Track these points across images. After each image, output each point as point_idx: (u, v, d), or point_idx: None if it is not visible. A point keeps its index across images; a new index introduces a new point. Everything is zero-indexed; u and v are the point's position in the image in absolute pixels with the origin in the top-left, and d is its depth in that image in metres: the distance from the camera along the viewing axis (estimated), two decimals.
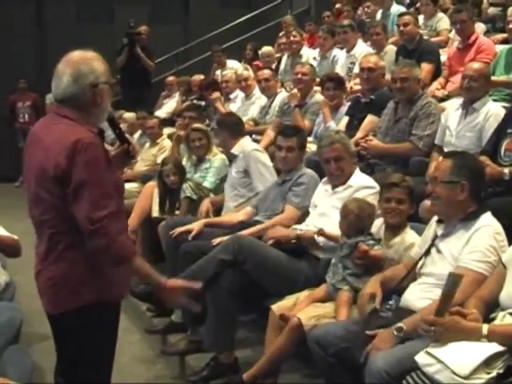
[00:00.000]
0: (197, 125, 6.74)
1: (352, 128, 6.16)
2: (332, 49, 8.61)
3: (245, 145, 5.92)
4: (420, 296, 3.46)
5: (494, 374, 2.76)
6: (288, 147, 5.06)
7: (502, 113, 4.97)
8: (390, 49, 7.61)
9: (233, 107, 8.90)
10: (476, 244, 3.33)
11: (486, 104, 5.09)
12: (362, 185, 4.54)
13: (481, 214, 3.45)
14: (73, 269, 2.92)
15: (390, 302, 3.51)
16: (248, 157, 5.77)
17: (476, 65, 5.31)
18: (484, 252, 3.31)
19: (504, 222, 3.46)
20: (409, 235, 4.07)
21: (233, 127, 6.00)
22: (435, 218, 3.67)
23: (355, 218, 4.08)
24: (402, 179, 4.18)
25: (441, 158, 3.80)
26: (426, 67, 6.80)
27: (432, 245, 3.57)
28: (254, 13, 13.91)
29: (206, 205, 5.89)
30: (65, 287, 2.93)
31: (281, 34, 10.96)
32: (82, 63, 2.97)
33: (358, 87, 7.00)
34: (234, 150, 5.92)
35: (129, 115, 9.73)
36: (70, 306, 2.93)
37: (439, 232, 3.57)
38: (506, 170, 4.36)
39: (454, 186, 3.46)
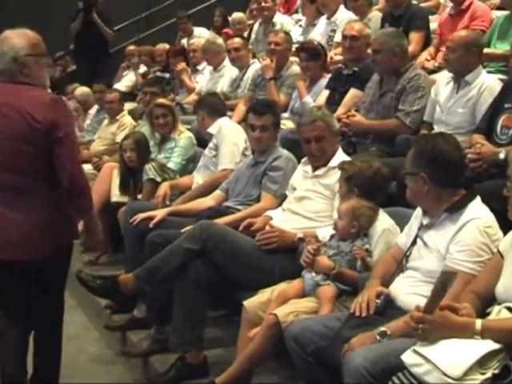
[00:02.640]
0: (161, 100, 6.70)
1: (333, 103, 6.14)
2: (320, 16, 8.53)
3: (222, 123, 5.93)
4: (407, 291, 3.44)
5: (489, 374, 2.75)
6: (262, 126, 5.04)
7: (497, 86, 4.96)
8: (375, 15, 7.56)
9: (200, 80, 8.86)
10: (466, 242, 3.29)
11: (479, 76, 5.07)
12: None
13: (469, 201, 3.41)
14: (60, 212, 3.88)
15: (378, 301, 3.48)
16: (220, 132, 5.79)
17: (462, 32, 5.29)
18: (475, 251, 3.27)
19: (496, 206, 3.43)
20: (380, 221, 4.06)
21: (212, 107, 6.09)
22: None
23: (352, 217, 4.01)
24: (342, 163, 4.31)
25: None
26: (415, 36, 6.74)
27: (417, 235, 3.55)
28: None
29: (163, 189, 5.78)
30: (55, 230, 3.86)
31: None
32: (1, 43, 3.77)
33: (339, 57, 6.97)
34: (211, 129, 5.95)
35: (82, 90, 9.63)
36: (60, 243, 3.92)
37: (424, 222, 3.54)
38: (502, 149, 4.34)
39: (415, 178, 3.45)
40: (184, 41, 10.79)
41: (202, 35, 10.32)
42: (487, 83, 5.01)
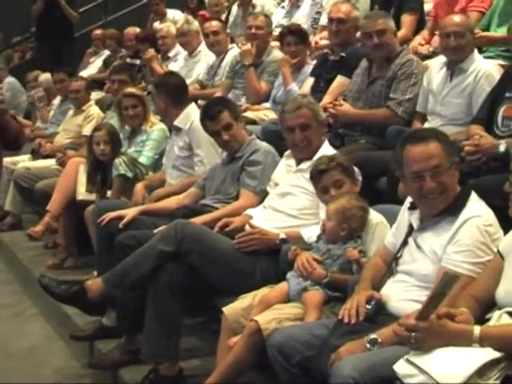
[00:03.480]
0: (130, 89, 6.66)
1: (318, 91, 6.15)
2: None
3: (192, 115, 5.82)
4: (399, 297, 3.43)
5: None
6: (224, 126, 5.04)
7: (495, 73, 4.96)
8: None
9: (173, 67, 8.83)
10: (465, 242, 3.27)
11: (474, 62, 5.05)
12: None
13: (466, 198, 3.40)
14: None
15: (368, 307, 3.47)
16: (194, 131, 5.71)
17: (457, 18, 5.21)
18: (474, 251, 3.26)
19: (495, 203, 3.42)
20: (371, 216, 4.07)
21: (175, 92, 5.93)
22: (406, 204, 3.63)
23: (341, 218, 4.00)
24: (330, 159, 4.24)
25: (414, 147, 3.41)
26: (407, 19, 6.70)
27: (409, 235, 3.54)
28: None
29: (140, 192, 5.77)
30: None
31: None
32: None
33: (324, 42, 6.98)
34: (179, 122, 5.85)
35: (45, 77, 9.57)
36: None
37: (414, 221, 3.52)
38: (503, 141, 4.33)
39: (454, 167, 3.40)
40: (157, 24, 10.76)
41: (175, 18, 10.30)
42: (484, 70, 4.99)
